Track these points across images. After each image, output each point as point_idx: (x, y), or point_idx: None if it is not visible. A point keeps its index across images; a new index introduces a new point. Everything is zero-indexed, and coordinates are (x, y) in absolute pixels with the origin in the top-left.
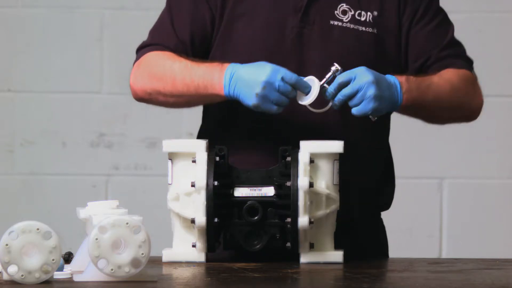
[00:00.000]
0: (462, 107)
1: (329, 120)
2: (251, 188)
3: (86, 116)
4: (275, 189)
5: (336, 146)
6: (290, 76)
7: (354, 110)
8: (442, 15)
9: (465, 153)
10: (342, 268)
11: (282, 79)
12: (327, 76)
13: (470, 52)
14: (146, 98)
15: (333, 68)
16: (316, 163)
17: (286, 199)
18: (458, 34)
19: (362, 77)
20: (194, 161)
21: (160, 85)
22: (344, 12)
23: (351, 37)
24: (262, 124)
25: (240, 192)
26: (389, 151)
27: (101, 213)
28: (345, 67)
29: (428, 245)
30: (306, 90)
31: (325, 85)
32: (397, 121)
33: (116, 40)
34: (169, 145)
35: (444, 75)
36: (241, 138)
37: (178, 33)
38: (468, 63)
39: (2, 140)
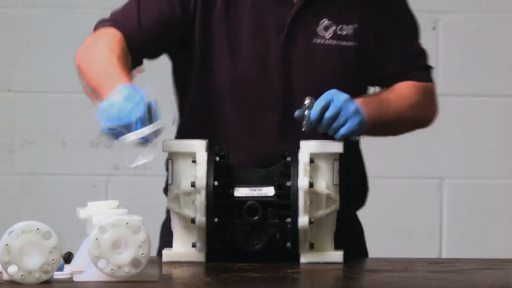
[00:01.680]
0: (417, 121)
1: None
2: (251, 188)
3: (86, 116)
4: (275, 189)
5: (336, 146)
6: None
7: (343, 130)
8: (408, 21)
9: (465, 153)
10: (342, 268)
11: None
12: (303, 109)
13: (470, 52)
14: (77, 71)
15: (307, 102)
16: (316, 163)
17: (286, 199)
18: (458, 34)
19: (339, 97)
20: (194, 161)
21: (84, 71)
22: (326, 28)
23: (334, 53)
24: (241, 127)
25: (240, 192)
26: (359, 150)
27: (101, 213)
28: (328, 83)
29: (428, 245)
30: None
31: (305, 112)
32: None
33: None
34: (169, 145)
35: (400, 92)
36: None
37: (139, 23)
38: (427, 72)
39: (2, 140)
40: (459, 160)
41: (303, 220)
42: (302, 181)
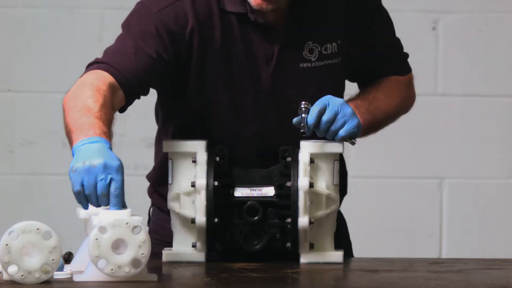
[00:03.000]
0: (400, 114)
1: (268, 122)
2: (251, 188)
3: None
4: (275, 189)
5: (336, 146)
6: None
7: (342, 132)
8: (384, 17)
9: (465, 153)
10: (342, 268)
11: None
12: (303, 115)
13: (470, 52)
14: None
15: (303, 106)
16: (316, 163)
17: (286, 199)
18: (458, 34)
19: (334, 100)
20: (194, 161)
21: (66, 111)
22: (311, 51)
23: (322, 73)
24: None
25: (240, 192)
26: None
27: (104, 212)
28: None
29: (428, 245)
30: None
31: (303, 115)
32: (397, 121)
33: None
34: (169, 145)
35: (387, 91)
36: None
37: (138, 72)
38: (406, 62)
39: (2, 140)
40: (459, 160)
41: (303, 220)
42: (302, 181)
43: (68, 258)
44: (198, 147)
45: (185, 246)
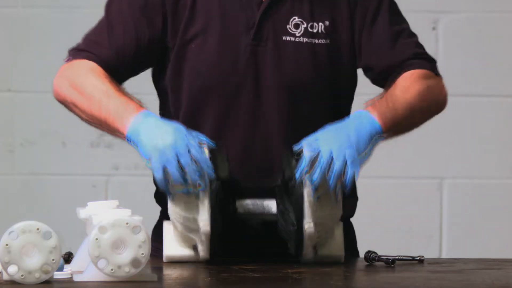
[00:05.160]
0: (429, 106)
1: (273, 128)
2: (253, 201)
3: None
4: (279, 194)
5: None
6: (186, 159)
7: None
8: (393, 11)
9: (465, 153)
10: (342, 268)
11: (177, 157)
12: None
13: (470, 52)
14: (63, 103)
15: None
16: None
17: (291, 205)
18: (458, 34)
19: (326, 147)
20: None
21: (76, 99)
22: (297, 26)
23: (305, 52)
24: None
25: (243, 205)
26: None
27: (104, 212)
28: (299, 83)
29: (428, 245)
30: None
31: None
32: None
33: None
34: None
35: (403, 83)
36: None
37: (113, 49)
38: (424, 59)
39: (2, 140)
40: (459, 160)
41: (308, 226)
42: (307, 186)
43: (68, 258)
44: None
45: (185, 247)
